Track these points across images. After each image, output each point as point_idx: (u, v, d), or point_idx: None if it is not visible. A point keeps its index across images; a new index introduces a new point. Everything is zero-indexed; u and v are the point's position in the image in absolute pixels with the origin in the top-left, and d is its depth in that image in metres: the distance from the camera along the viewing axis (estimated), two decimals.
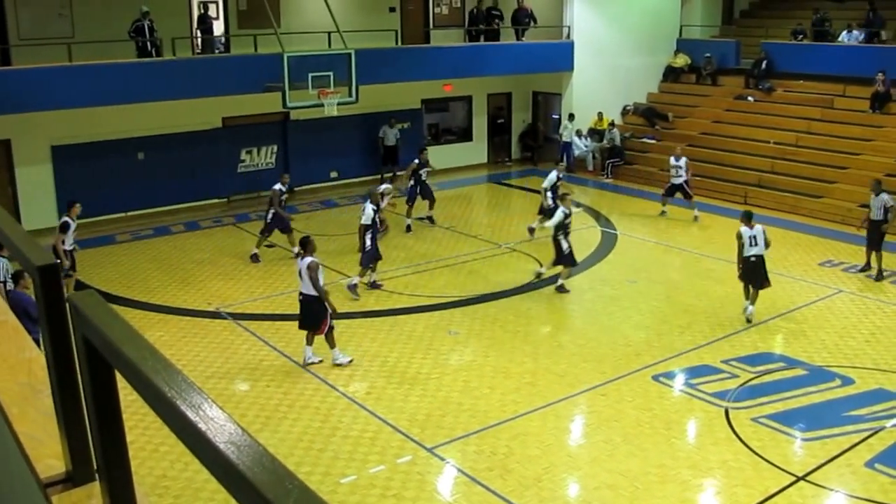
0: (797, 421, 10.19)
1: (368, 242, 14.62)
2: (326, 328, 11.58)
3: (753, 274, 13.35)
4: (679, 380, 11.45)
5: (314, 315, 11.57)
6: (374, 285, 15.07)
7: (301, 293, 11.66)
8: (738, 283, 15.14)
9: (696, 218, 19.38)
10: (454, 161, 25.24)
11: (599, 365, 11.85)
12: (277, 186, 16.92)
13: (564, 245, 14.58)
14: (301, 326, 11.83)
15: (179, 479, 8.77)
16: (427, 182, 19.30)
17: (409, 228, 18.90)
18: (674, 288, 15.22)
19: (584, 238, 17.78)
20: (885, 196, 15.21)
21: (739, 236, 13.37)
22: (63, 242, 13.62)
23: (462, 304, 14.33)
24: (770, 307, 14.02)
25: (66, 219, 13.89)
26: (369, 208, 14.75)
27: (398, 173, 23.29)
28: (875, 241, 15.32)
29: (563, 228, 14.54)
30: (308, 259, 11.48)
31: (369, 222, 14.64)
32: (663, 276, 16.02)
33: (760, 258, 13.32)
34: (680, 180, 19.50)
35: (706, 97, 25.67)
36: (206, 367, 11.83)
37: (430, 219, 19.38)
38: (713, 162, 22.65)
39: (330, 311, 11.57)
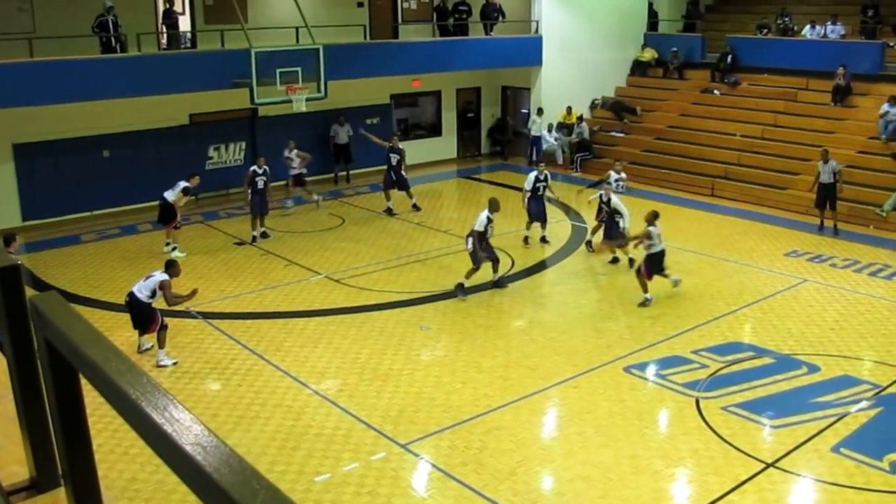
0: (766, 409, 10.31)
1: (470, 246, 14.41)
2: (157, 327, 11.83)
3: (662, 264, 14.16)
4: (650, 371, 11.53)
5: (143, 319, 11.88)
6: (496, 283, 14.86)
7: (130, 294, 11.87)
8: (706, 274, 15.39)
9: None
10: (424, 156, 25.20)
11: (571, 358, 11.90)
12: (252, 168, 17.59)
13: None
14: (134, 327, 12.11)
15: (150, 481, 8.69)
16: (399, 168, 19.59)
17: (389, 211, 19.80)
18: None
19: (554, 232, 17.84)
20: (833, 163, 17.61)
21: (649, 235, 13.84)
22: (180, 202, 16.67)
23: (433, 300, 14.31)
24: (737, 297, 14.18)
25: (187, 184, 16.64)
26: (483, 215, 14.42)
27: (351, 172, 23.22)
28: (830, 201, 17.66)
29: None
30: (165, 277, 11.81)
31: (482, 229, 14.30)
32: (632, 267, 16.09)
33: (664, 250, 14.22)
34: None
35: (673, 91, 25.86)
36: (176, 367, 11.73)
37: (415, 206, 19.97)
38: (680, 154, 22.83)
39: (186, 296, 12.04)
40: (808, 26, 24.85)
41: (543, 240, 17.46)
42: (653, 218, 14.11)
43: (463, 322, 13.35)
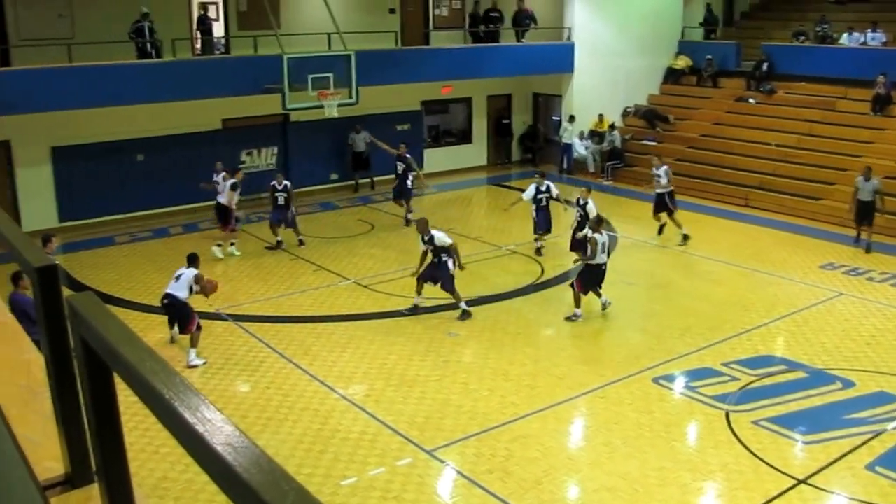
0: (798, 424, 10.17)
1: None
2: (193, 327, 12.02)
3: (600, 279, 13.66)
4: (679, 382, 11.43)
5: (183, 318, 12.16)
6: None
7: (168, 294, 12.08)
8: (738, 285, 15.22)
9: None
10: (454, 163, 25.25)
11: (599, 367, 11.84)
12: (272, 184, 17.81)
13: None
14: (174, 325, 12.46)
15: (180, 480, 8.76)
16: (405, 177, 19.46)
17: (407, 223, 19.42)
18: (673, 290, 15.20)
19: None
20: (875, 181, 17.14)
21: (595, 242, 13.37)
22: (233, 201, 17.08)
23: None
24: (770, 309, 14.02)
25: (234, 180, 17.09)
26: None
27: (374, 179, 23.13)
28: (867, 219, 17.19)
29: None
30: (195, 271, 12.19)
31: (421, 249, 13.93)
32: (663, 278, 16.00)
33: (606, 265, 13.65)
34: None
35: (707, 99, 25.67)
36: (206, 368, 11.83)
37: (406, 220, 19.55)
38: (714, 164, 22.65)
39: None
40: (845, 34, 24.55)
41: (539, 251, 17.19)
42: (597, 224, 13.66)
43: (491, 329, 13.33)
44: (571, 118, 24.65)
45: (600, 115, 24.97)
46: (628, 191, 22.43)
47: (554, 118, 26.24)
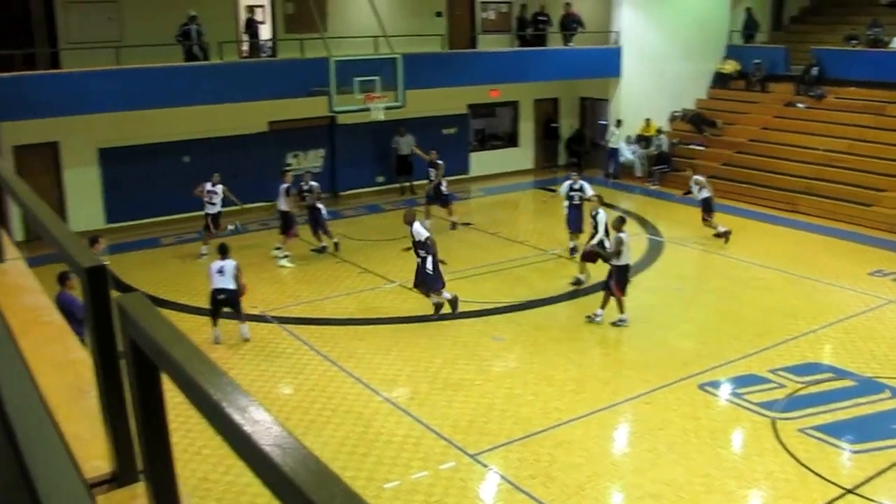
0: (845, 433, 9.98)
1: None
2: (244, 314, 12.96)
3: (627, 277, 13.52)
4: (725, 389, 11.28)
5: (235, 306, 12.86)
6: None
7: (222, 289, 12.63)
8: (785, 292, 14.97)
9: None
10: (500, 167, 25.21)
11: (644, 373, 11.72)
12: (299, 184, 17.79)
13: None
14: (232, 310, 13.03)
15: (221, 482, 8.83)
16: (436, 182, 19.39)
17: (453, 226, 19.29)
18: (721, 296, 15.00)
19: (630, 245, 17.58)
20: None
21: (621, 241, 13.21)
22: (291, 205, 17.11)
23: (507, 311, 14.24)
24: (818, 316, 13.78)
25: (286, 185, 17.13)
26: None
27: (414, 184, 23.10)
28: None
29: None
30: (233, 261, 12.76)
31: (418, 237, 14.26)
32: (710, 283, 15.81)
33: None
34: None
35: (755, 104, 25.33)
36: (250, 369, 11.92)
37: (453, 224, 19.42)
38: (762, 169, 22.33)
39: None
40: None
41: (573, 250, 16.90)
42: (620, 224, 13.55)
43: (535, 334, 13.26)
44: (618, 122, 24.48)
45: (647, 120, 24.75)
46: (675, 195, 22.18)
47: (601, 122, 26.06)
